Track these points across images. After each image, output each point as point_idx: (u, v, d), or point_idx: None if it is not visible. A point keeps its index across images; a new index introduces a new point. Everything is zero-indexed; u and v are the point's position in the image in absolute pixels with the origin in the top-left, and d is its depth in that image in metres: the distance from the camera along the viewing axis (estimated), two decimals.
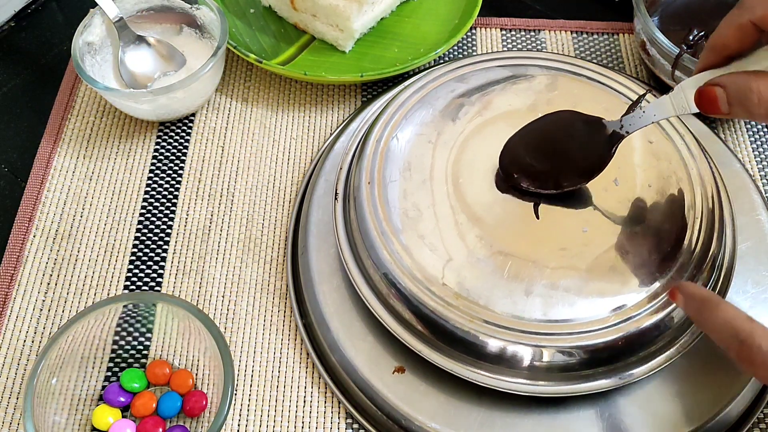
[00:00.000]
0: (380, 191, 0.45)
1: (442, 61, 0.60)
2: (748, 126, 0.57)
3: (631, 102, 0.48)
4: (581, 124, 0.45)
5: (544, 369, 0.40)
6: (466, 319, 0.40)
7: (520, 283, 0.42)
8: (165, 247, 0.51)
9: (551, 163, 0.45)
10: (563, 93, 0.50)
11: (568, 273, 0.42)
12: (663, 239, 0.43)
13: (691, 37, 0.55)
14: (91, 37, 0.54)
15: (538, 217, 0.44)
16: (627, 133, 0.42)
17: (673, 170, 0.46)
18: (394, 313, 0.43)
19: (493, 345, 0.40)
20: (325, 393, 0.45)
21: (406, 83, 0.52)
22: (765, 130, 0.57)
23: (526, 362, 0.40)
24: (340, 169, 0.49)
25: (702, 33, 0.55)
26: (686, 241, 0.43)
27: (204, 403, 0.43)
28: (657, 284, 0.42)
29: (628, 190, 0.45)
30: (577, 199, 0.45)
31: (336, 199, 0.47)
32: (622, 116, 0.43)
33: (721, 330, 0.35)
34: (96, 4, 0.54)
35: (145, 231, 0.52)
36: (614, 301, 0.41)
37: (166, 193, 0.53)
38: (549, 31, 0.63)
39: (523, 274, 0.42)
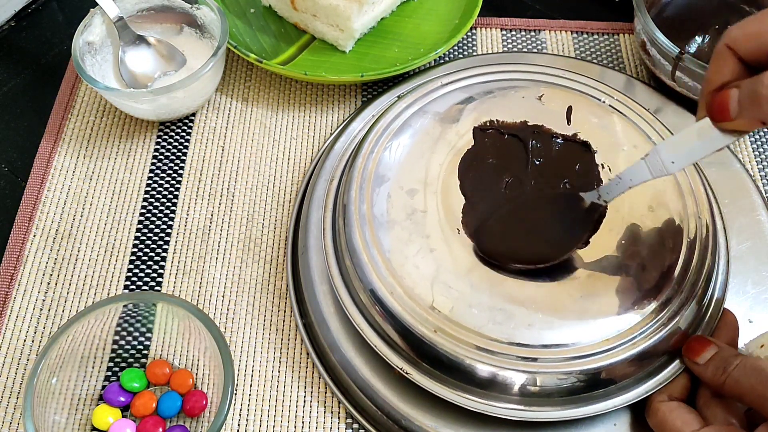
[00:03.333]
0: (369, 206, 0.45)
1: (442, 61, 0.60)
2: None
3: (624, 117, 0.49)
4: (557, 200, 0.45)
5: (536, 394, 0.40)
6: (456, 344, 0.40)
7: (513, 307, 0.41)
8: (165, 247, 0.51)
9: (532, 241, 0.44)
10: (554, 107, 0.49)
11: (561, 297, 0.41)
12: (657, 262, 0.43)
13: (694, 46, 0.55)
14: (91, 36, 0.54)
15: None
16: (605, 202, 0.42)
17: (666, 193, 0.45)
18: (380, 334, 0.42)
19: (484, 371, 0.40)
20: (325, 393, 0.45)
21: (400, 94, 0.52)
22: (765, 130, 0.57)
23: (517, 388, 0.40)
24: (327, 193, 0.48)
25: (707, 38, 0.55)
26: (680, 263, 0.42)
27: (204, 403, 0.43)
28: (651, 307, 0.41)
29: (622, 215, 0.45)
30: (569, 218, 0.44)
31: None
32: (598, 187, 0.43)
33: None
34: (96, 4, 0.54)
35: (145, 231, 0.52)
36: (608, 326, 0.40)
37: (166, 193, 0.53)
38: (549, 31, 0.63)
39: (516, 297, 0.41)
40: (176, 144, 0.56)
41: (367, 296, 0.42)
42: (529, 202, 0.45)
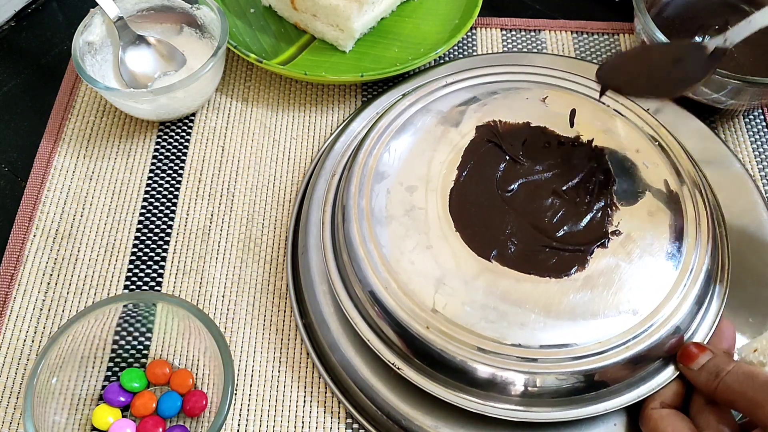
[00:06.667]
0: (368, 202, 0.45)
1: (442, 61, 0.60)
2: (749, 126, 0.57)
3: (627, 120, 0.49)
4: (681, 49, 0.46)
5: (529, 395, 0.40)
6: (447, 341, 0.40)
7: (507, 306, 0.41)
8: (165, 247, 0.51)
9: (655, 78, 0.46)
10: (558, 109, 0.49)
11: (556, 297, 0.41)
12: (655, 264, 0.43)
13: None
14: (91, 36, 0.54)
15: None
16: (731, 44, 0.42)
17: (665, 195, 0.45)
18: (375, 329, 0.42)
19: (476, 369, 0.40)
20: (325, 393, 0.45)
21: (405, 92, 0.52)
22: (765, 130, 0.57)
23: (509, 387, 0.40)
24: (328, 189, 0.48)
25: (707, 38, 0.55)
26: (679, 266, 0.42)
27: (204, 403, 0.43)
28: (648, 309, 0.41)
29: (621, 218, 0.45)
30: (574, 222, 0.45)
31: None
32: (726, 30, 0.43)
33: None
34: (96, 4, 0.54)
35: (145, 231, 0.52)
36: (604, 328, 0.40)
37: (166, 193, 0.53)
38: (549, 31, 0.63)
39: (511, 297, 0.41)
40: (176, 144, 0.56)
41: (363, 292, 0.42)
42: (654, 50, 0.48)
